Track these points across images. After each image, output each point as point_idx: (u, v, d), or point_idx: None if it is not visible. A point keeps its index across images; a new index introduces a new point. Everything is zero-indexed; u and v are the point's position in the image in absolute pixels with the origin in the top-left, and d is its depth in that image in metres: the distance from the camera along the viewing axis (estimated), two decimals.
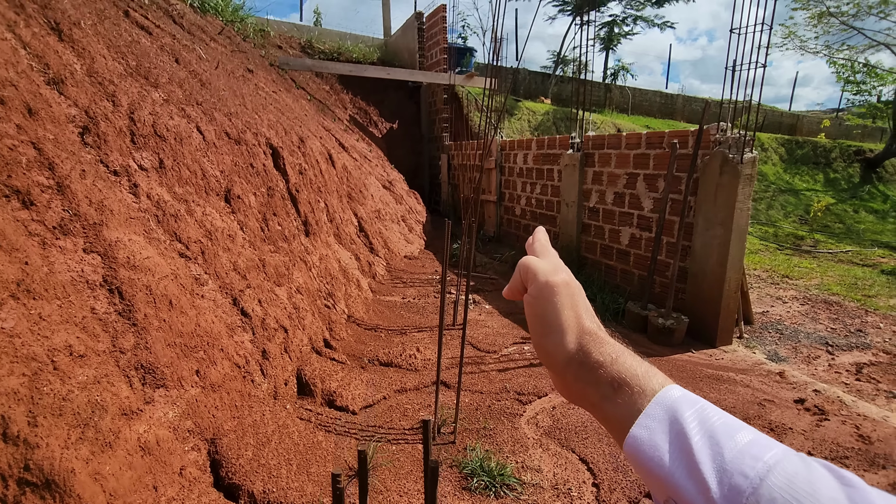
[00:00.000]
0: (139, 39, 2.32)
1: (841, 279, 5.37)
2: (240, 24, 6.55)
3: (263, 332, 1.79)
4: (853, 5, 10.84)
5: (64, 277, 1.15)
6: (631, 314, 3.26)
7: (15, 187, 1.14)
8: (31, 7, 1.59)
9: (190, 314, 1.43)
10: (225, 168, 2.06)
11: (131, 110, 1.68)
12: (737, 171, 2.77)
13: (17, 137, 1.20)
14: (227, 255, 1.80)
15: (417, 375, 2.38)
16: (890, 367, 2.98)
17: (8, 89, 1.23)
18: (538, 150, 4.92)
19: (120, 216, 1.37)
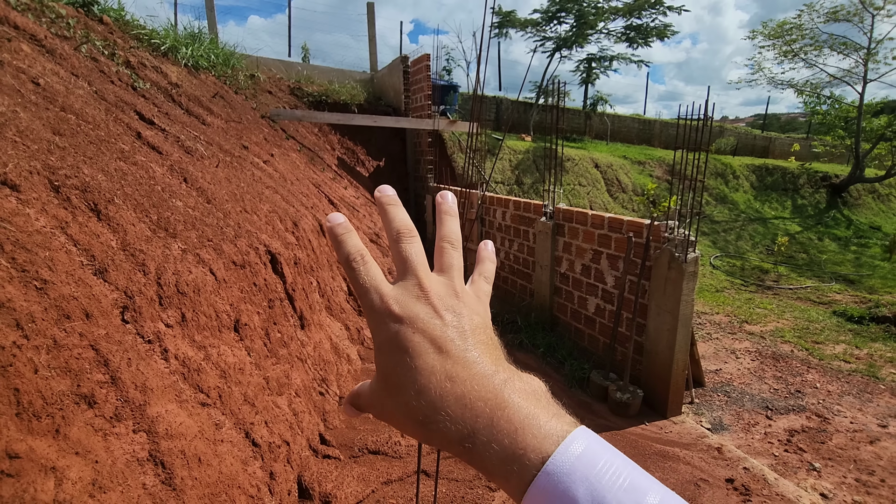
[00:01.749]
0: (153, 172, 2.64)
1: (795, 323, 5.83)
2: (231, 75, 6.85)
3: (270, 455, 2.12)
4: (814, 46, 11.45)
5: (122, 462, 1.48)
6: (594, 384, 3.64)
7: (83, 394, 1.46)
8: (75, 197, 1.91)
9: (214, 464, 1.76)
10: (234, 300, 2.39)
11: (158, 275, 2.00)
12: (682, 268, 3.17)
13: (80, 345, 1.53)
14: (238, 389, 2.13)
15: (402, 463, 2.72)
16: (817, 434, 3.40)
17: (71, 303, 1.56)
18: (515, 211, 5.29)
19: (157, 390, 1.69)
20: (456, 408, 0.29)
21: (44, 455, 1.29)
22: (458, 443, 0.29)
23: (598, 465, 0.27)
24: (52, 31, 3.46)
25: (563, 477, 0.26)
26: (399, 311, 0.32)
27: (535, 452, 0.27)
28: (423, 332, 0.32)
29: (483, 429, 0.29)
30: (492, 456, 0.28)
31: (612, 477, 0.26)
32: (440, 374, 0.30)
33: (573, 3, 10.86)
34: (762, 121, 19.45)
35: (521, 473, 0.27)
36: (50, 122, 2.25)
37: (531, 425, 0.28)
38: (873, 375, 4.34)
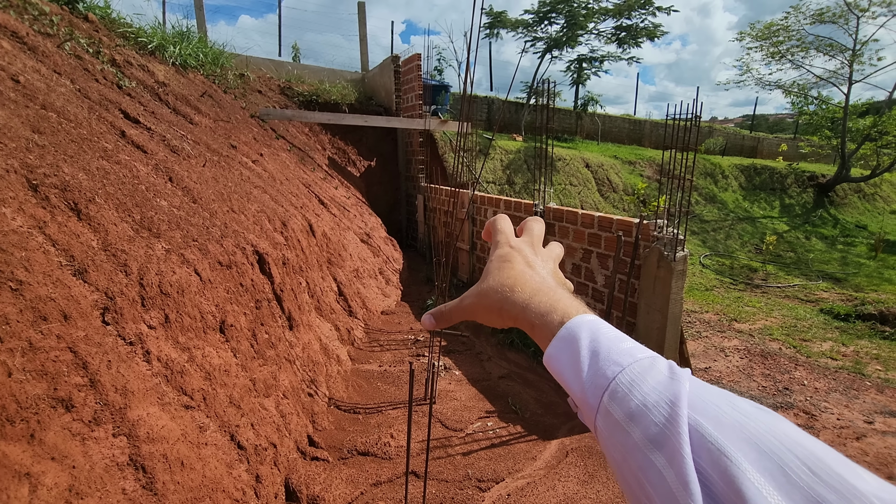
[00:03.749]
0: (137, 171, 2.60)
1: (783, 321, 5.88)
2: (220, 74, 6.78)
3: (256, 458, 2.09)
4: (801, 48, 11.58)
5: (100, 467, 1.44)
6: None
7: (60, 397, 1.43)
8: (54, 196, 1.87)
9: (197, 468, 1.73)
10: (219, 300, 2.35)
11: (141, 276, 1.96)
12: (671, 267, 3.18)
13: (58, 347, 1.49)
14: (223, 391, 2.10)
15: (391, 465, 2.70)
16: (805, 431, 3.42)
17: (48, 305, 1.52)
18: (506, 210, 5.28)
19: (139, 393, 1.66)
20: (531, 293, 0.48)
21: (17, 461, 1.25)
22: (523, 312, 0.47)
23: (601, 325, 0.42)
24: (35, 28, 3.40)
25: (575, 327, 0.42)
26: (514, 243, 0.54)
27: (565, 315, 0.44)
28: (522, 255, 0.53)
29: (541, 303, 0.46)
30: (539, 316, 0.45)
31: (606, 330, 0.41)
32: (527, 274, 0.50)
33: (564, 4, 10.90)
34: (751, 121, 19.64)
35: (552, 325, 0.44)
36: (29, 120, 2.21)
37: (567, 304, 0.45)
38: (859, 372, 4.38)
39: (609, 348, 0.39)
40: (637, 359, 0.37)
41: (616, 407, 0.35)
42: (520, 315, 0.47)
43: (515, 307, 0.47)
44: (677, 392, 0.33)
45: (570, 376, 0.40)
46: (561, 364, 0.41)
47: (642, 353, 0.38)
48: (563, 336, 0.42)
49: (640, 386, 0.35)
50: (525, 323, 0.47)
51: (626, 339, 0.40)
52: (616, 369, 0.37)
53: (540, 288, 0.48)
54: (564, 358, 0.41)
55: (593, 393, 0.37)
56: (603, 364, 0.38)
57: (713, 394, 0.34)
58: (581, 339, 0.40)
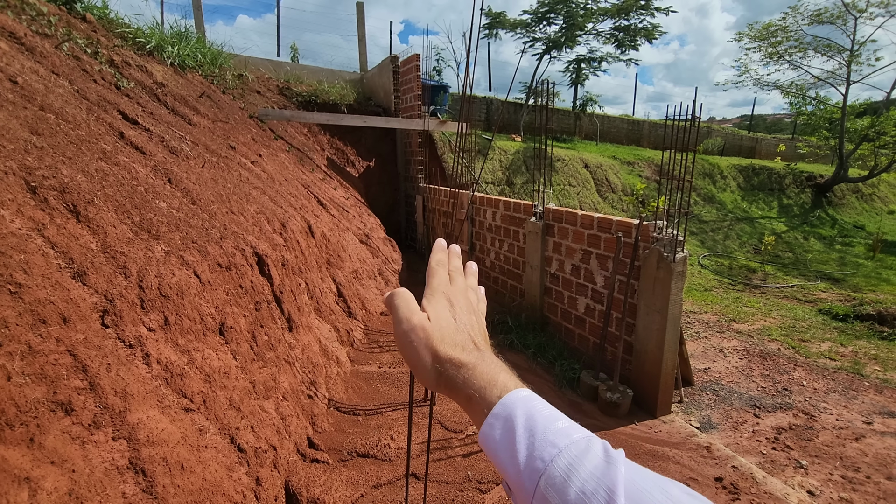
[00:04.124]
0: (136, 172, 2.59)
1: (782, 321, 5.89)
2: (219, 74, 6.77)
3: (257, 461, 2.09)
4: (799, 48, 11.60)
5: (100, 471, 1.43)
6: (584, 384, 3.64)
7: (60, 401, 1.42)
8: (52, 198, 1.86)
9: (197, 471, 1.72)
10: (219, 302, 2.35)
11: (140, 278, 1.95)
12: (670, 268, 3.18)
13: (57, 350, 1.48)
14: (223, 394, 2.09)
15: (391, 467, 2.69)
16: (804, 432, 3.43)
17: (47, 307, 1.51)
18: (505, 211, 5.29)
19: (139, 396, 1.65)
20: (475, 361, 0.46)
21: (17, 465, 1.25)
22: (465, 383, 0.45)
23: (535, 402, 0.42)
24: (33, 28, 3.39)
25: (511, 404, 0.41)
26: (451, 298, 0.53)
27: (503, 390, 0.43)
28: (466, 314, 0.52)
29: (483, 375, 0.45)
30: (479, 389, 0.44)
31: (541, 408, 0.41)
32: (475, 346, 0.49)
33: (562, 5, 10.90)
34: (749, 121, 19.68)
35: (489, 401, 0.42)
36: (28, 121, 2.20)
37: (506, 378, 0.45)
38: (858, 373, 4.39)
39: (545, 428, 0.38)
40: (573, 440, 0.37)
41: (554, 494, 0.34)
42: (460, 385, 0.45)
43: (459, 375, 0.45)
44: (614, 480, 0.33)
45: (505, 457, 0.39)
46: (496, 444, 0.40)
47: (577, 432, 0.38)
48: (499, 413, 0.41)
49: (577, 472, 0.35)
50: (462, 395, 0.45)
51: (560, 417, 0.40)
52: (552, 451, 0.36)
53: (483, 355, 0.47)
54: (499, 437, 0.40)
55: (529, 477, 0.36)
56: (539, 445, 0.37)
57: (647, 480, 0.34)
58: (517, 417, 0.40)
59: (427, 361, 0.46)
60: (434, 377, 0.46)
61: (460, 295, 0.54)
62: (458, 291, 0.54)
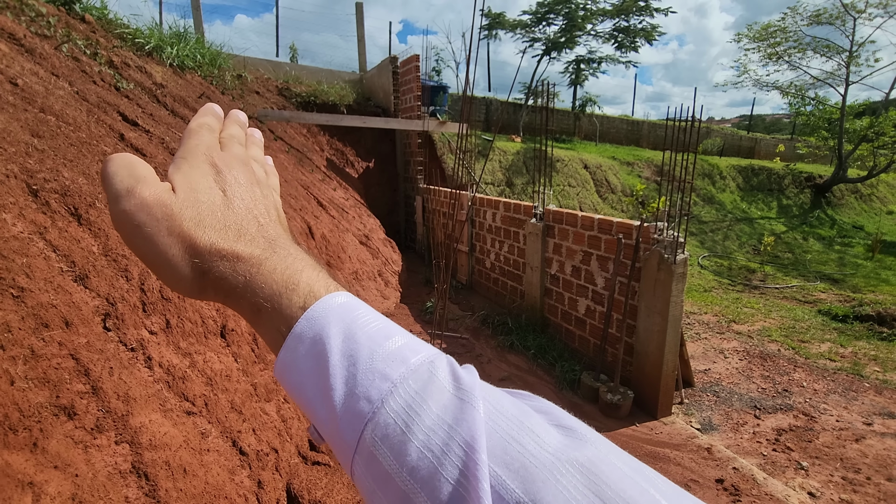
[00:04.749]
0: None
1: (781, 322, 5.90)
2: (218, 75, 6.76)
3: (258, 464, 2.09)
4: (798, 49, 11.62)
5: (103, 475, 1.43)
6: (585, 386, 3.64)
7: (62, 405, 1.42)
8: (54, 201, 1.86)
9: (200, 475, 1.72)
10: (220, 305, 2.34)
11: (142, 280, 1.95)
12: (671, 270, 3.18)
13: (59, 354, 1.48)
14: (225, 397, 2.09)
15: None
16: (804, 433, 3.43)
17: (49, 311, 1.51)
18: (505, 213, 5.29)
19: (141, 400, 1.65)
20: (260, 255, 0.32)
21: (21, 469, 1.24)
22: (245, 286, 0.31)
23: (357, 311, 0.30)
24: (32, 29, 3.38)
25: (321, 317, 0.29)
26: (218, 161, 0.35)
27: (309, 296, 0.30)
28: (244, 187, 0.36)
29: (274, 274, 0.31)
30: (270, 297, 0.30)
31: (366, 321, 0.29)
32: (260, 220, 0.35)
33: (562, 5, 10.91)
34: (748, 122, 19.70)
35: (289, 313, 0.29)
36: (28, 123, 2.19)
37: (311, 277, 0.31)
38: (858, 374, 4.40)
39: (372, 351, 0.28)
40: (411, 367, 0.27)
41: (386, 452, 0.25)
42: (240, 289, 0.30)
43: (237, 274, 0.30)
44: (472, 427, 0.24)
45: (314, 395, 0.28)
46: (302, 377, 0.28)
47: (416, 353, 0.29)
48: (303, 332, 0.29)
49: (419, 417, 0.25)
50: (245, 305, 0.31)
51: (393, 332, 0.30)
52: (383, 387, 0.26)
53: (274, 245, 0.32)
54: (307, 367, 0.28)
55: (350, 423, 0.26)
56: (363, 377, 0.27)
57: (510, 420, 0.26)
58: (330, 335, 0.28)
59: (175, 255, 0.30)
60: (193, 279, 0.31)
61: (236, 161, 0.36)
62: (233, 157, 0.36)
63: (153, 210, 0.30)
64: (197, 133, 0.37)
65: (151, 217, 0.30)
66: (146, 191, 0.31)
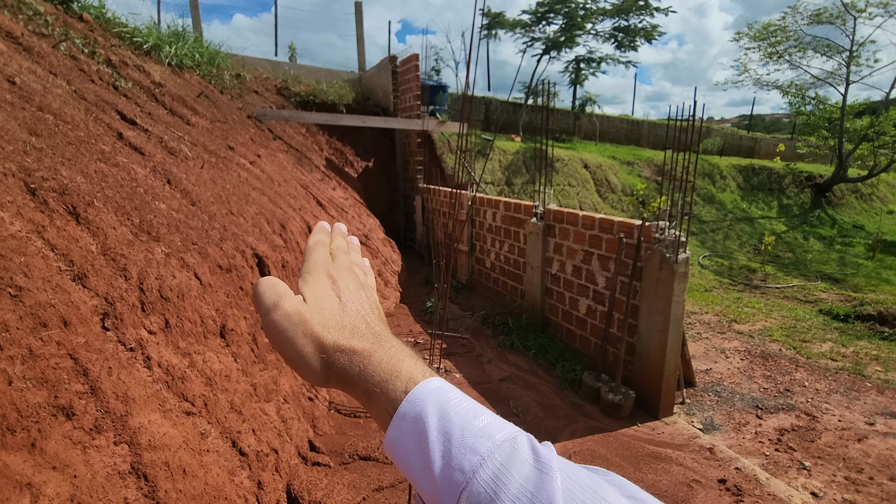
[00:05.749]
0: (135, 173, 2.57)
1: (783, 322, 5.89)
2: (216, 74, 6.75)
3: (258, 464, 2.07)
4: (798, 48, 11.62)
5: (102, 476, 1.42)
6: (586, 386, 3.63)
7: (61, 405, 1.40)
8: (52, 200, 1.84)
9: (199, 475, 1.70)
10: (219, 305, 2.33)
11: (140, 280, 1.94)
12: (673, 269, 3.17)
13: (58, 354, 1.46)
14: (224, 397, 2.08)
15: (393, 469, 2.67)
16: (806, 433, 3.42)
17: (48, 311, 1.49)
18: (506, 212, 5.27)
19: (140, 400, 1.63)
20: (370, 346, 0.39)
21: (19, 470, 1.23)
22: (360, 376, 0.37)
23: (448, 394, 0.35)
24: (30, 28, 3.37)
25: (420, 400, 0.34)
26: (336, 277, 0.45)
27: (409, 381, 0.36)
28: (354, 292, 0.45)
29: (381, 364, 0.37)
30: (379, 383, 0.36)
31: (457, 402, 0.34)
32: (365, 318, 0.42)
33: (561, 4, 10.89)
34: (748, 121, 19.70)
35: (393, 397, 0.35)
36: (26, 122, 2.18)
37: (411, 366, 0.37)
38: (859, 373, 4.39)
39: (463, 428, 0.33)
40: (496, 443, 0.32)
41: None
42: (356, 378, 0.37)
43: (353, 365, 0.37)
44: (551, 496, 0.28)
45: (418, 467, 0.33)
46: (407, 451, 0.33)
47: (500, 431, 0.33)
48: (406, 413, 0.34)
49: (506, 486, 0.29)
50: (359, 391, 0.37)
51: (480, 412, 0.34)
52: (474, 460, 0.31)
53: (380, 339, 0.39)
54: (410, 443, 0.33)
55: (447, 492, 0.31)
56: (457, 452, 0.31)
57: (586, 490, 0.30)
58: (428, 416, 0.33)
59: (309, 353, 0.38)
60: (322, 371, 0.38)
61: (344, 271, 0.46)
62: (342, 268, 0.46)
63: (292, 318, 0.39)
64: (314, 250, 0.48)
65: (291, 323, 0.39)
66: (286, 304, 0.40)
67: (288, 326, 0.39)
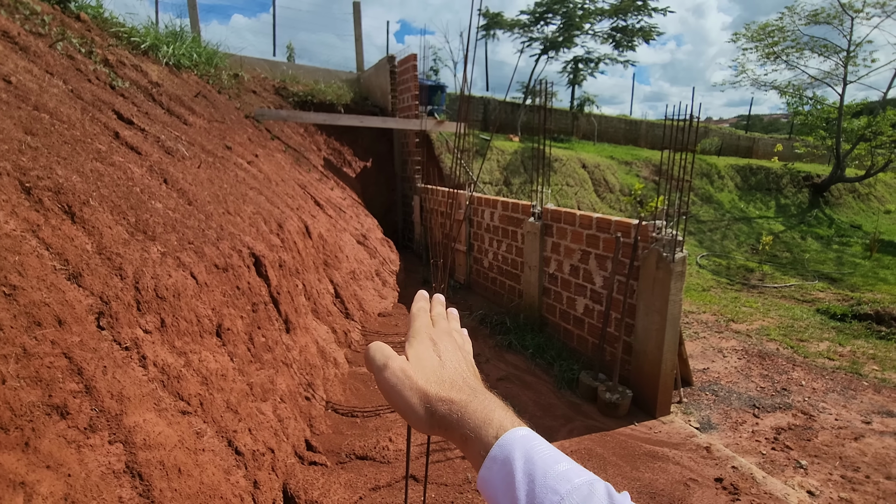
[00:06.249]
0: (132, 173, 2.56)
1: (780, 321, 5.90)
2: (214, 74, 6.74)
3: (254, 463, 2.07)
4: (796, 48, 11.64)
5: (96, 475, 1.41)
6: (583, 385, 3.63)
7: (55, 404, 1.40)
8: (47, 199, 1.84)
9: (195, 474, 1.70)
10: (216, 304, 2.33)
11: (136, 279, 1.93)
12: (670, 268, 3.17)
13: (52, 353, 1.46)
14: (220, 396, 2.07)
15: (390, 469, 2.68)
16: (803, 432, 3.43)
17: (42, 310, 1.49)
18: (503, 212, 5.28)
19: (135, 399, 1.63)
20: (468, 397, 0.44)
21: (12, 469, 1.22)
22: (459, 422, 0.42)
23: (533, 441, 0.40)
24: (27, 27, 3.36)
25: (509, 445, 0.39)
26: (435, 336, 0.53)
27: (500, 429, 0.41)
28: (452, 352, 0.51)
29: (477, 412, 0.43)
30: (475, 429, 0.42)
31: (541, 449, 0.39)
32: (464, 374, 0.48)
33: (559, 5, 10.90)
34: (746, 121, 19.74)
35: (486, 441, 0.40)
36: (22, 121, 2.17)
37: (502, 416, 0.42)
38: (856, 372, 4.40)
39: (545, 471, 0.37)
40: (575, 485, 0.36)
41: None
42: (454, 424, 0.43)
43: (452, 413, 0.43)
44: None
45: (505, 503, 0.37)
46: (494, 489, 0.38)
47: (579, 476, 0.37)
48: (497, 455, 0.39)
49: None
50: (457, 435, 0.43)
51: (561, 459, 0.39)
52: (554, 499, 0.35)
53: (475, 392, 0.45)
54: (499, 482, 0.38)
55: None
56: (540, 491, 0.36)
57: None
58: (515, 459, 0.38)
59: (415, 403, 0.44)
60: (426, 419, 0.44)
61: (444, 335, 0.53)
62: (442, 332, 0.53)
63: (399, 374, 0.46)
64: (418, 317, 0.54)
65: (398, 379, 0.46)
66: (394, 364, 0.47)
67: (396, 382, 0.46)
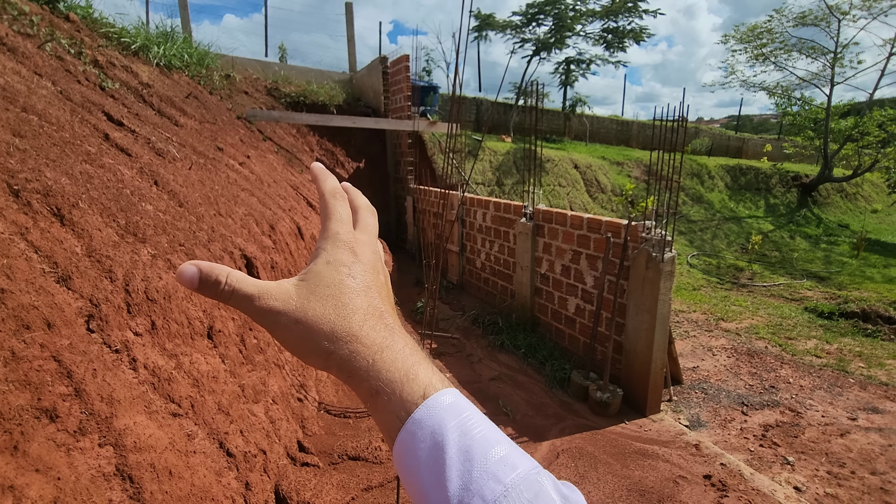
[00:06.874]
0: (122, 175, 2.55)
1: (769, 320, 5.97)
2: (206, 75, 6.71)
3: (246, 465, 2.07)
4: (784, 50, 11.79)
5: (86, 478, 1.41)
6: (575, 384, 3.66)
7: (44, 407, 1.40)
8: (36, 201, 1.83)
9: (186, 476, 1.70)
10: (207, 306, 2.33)
11: (126, 281, 1.93)
12: (659, 268, 3.21)
13: (41, 356, 1.46)
14: (212, 398, 2.07)
15: (382, 469, 2.69)
16: (790, 429, 3.47)
17: (31, 313, 1.49)
18: (495, 212, 5.30)
19: (125, 402, 1.63)
20: (380, 343, 0.34)
21: (0, 474, 1.22)
22: (368, 371, 0.33)
23: (467, 411, 0.32)
24: (14, 28, 3.34)
25: (441, 411, 0.32)
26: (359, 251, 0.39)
27: (427, 388, 0.33)
28: (370, 273, 0.38)
29: (394, 364, 0.34)
30: (390, 383, 0.33)
31: (476, 423, 0.32)
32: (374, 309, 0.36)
33: (551, 6, 10.95)
34: (736, 122, 19.93)
35: (408, 402, 0.32)
36: (10, 123, 2.16)
37: (428, 371, 0.34)
38: (843, 370, 4.46)
39: (484, 453, 0.30)
40: (520, 475, 0.29)
41: None
42: (360, 372, 0.33)
43: (360, 358, 0.33)
44: None
45: (429, 482, 0.30)
46: (417, 461, 0.30)
47: (522, 462, 0.31)
48: (423, 420, 0.31)
49: None
50: (364, 387, 0.33)
51: (500, 439, 0.32)
52: (496, 489, 0.28)
53: (392, 333, 0.35)
54: (423, 453, 0.30)
55: None
56: (478, 476, 0.29)
57: None
58: (447, 430, 0.30)
59: (302, 336, 0.34)
60: (323, 355, 0.34)
61: (366, 246, 0.40)
62: (365, 241, 0.40)
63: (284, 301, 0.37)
64: (334, 208, 0.42)
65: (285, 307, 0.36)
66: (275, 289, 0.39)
67: (280, 308, 0.36)
